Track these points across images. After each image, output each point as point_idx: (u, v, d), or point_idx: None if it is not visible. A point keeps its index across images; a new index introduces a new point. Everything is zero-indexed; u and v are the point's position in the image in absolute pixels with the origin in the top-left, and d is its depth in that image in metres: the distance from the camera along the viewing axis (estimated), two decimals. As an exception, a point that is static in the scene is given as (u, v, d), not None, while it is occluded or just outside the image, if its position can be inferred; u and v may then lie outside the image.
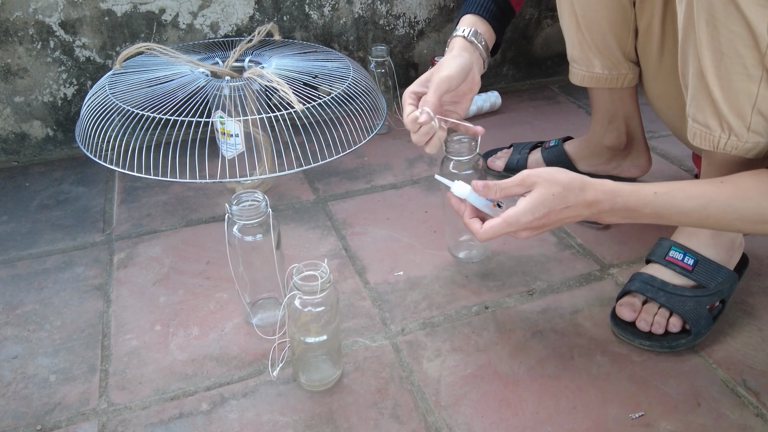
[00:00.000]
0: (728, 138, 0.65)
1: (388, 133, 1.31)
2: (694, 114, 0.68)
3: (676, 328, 0.75)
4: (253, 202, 0.72)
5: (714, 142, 0.67)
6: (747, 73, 0.60)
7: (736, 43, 0.59)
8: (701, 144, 0.68)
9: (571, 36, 0.91)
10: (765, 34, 0.57)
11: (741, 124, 0.64)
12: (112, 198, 1.09)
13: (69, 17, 1.13)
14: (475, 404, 0.69)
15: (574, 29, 0.89)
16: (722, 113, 0.64)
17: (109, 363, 0.75)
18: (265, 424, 0.67)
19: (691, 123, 0.69)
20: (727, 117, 0.64)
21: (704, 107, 0.66)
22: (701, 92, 0.65)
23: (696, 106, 0.67)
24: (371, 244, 0.96)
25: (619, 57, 0.90)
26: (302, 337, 0.67)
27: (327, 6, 1.30)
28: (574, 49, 0.92)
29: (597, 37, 0.88)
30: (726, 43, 0.60)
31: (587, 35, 0.88)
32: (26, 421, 0.68)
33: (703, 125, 0.67)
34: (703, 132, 0.67)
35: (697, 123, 0.68)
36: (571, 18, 0.88)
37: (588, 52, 0.91)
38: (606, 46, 0.89)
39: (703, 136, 0.68)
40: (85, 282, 0.89)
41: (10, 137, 1.20)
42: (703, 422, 0.67)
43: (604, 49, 0.89)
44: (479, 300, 0.85)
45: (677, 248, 0.79)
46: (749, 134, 0.64)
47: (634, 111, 1.00)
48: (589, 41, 0.89)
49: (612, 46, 0.89)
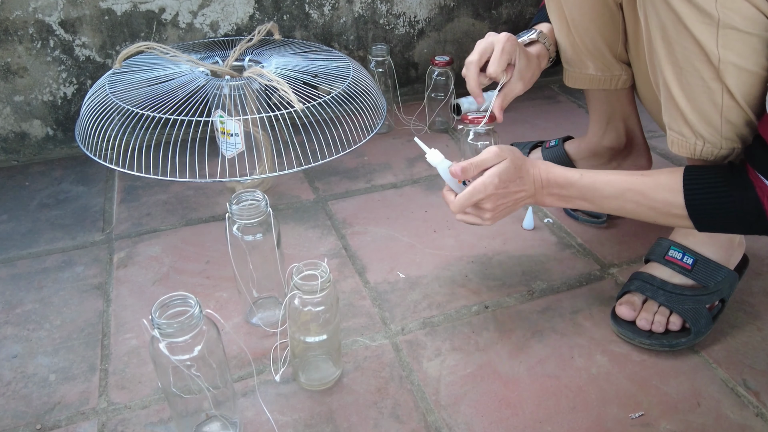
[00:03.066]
0: (704, 145, 0.66)
1: (388, 133, 1.31)
2: (669, 122, 0.69)
3: (676, 327, 0.76)
4: (253, 201, 0.72)
5: (691, 149, 0.67)
6: (707, 86, 0.61)
7: (691, 58, 0.60)
8: (680, 151, 0.69)
9: (563, 39, 0.91)
10: (715, 50, 0.58)
11: (713, 132, 0.64)
12: (112, 197, 1.09)
13: (69, 16, 1.13)
14: (475, 404, 0.69)
15: (565, 32, 0.89)
16: (692, 123, 0.65)
17: (108, 362, 0.75)
18: (264, 423, 0.67)
19: (668, 131, 0.70)
20: (697, 127, 0.65)
21: (676, 117, 0.66)
22: (670, 102, 0.66)
23: (669, 114, 0.68)
24: (371, 244, 0.96)
25: (610, 59, 0.91)
26: (302, 336, 0.67)
27: (327, 5, 1.30)
28: (567, 51, 0.92)
29: (587, 41, 0.88)
30: (682, 58, 0.61)
31: (578, 38, 0.89)
32: (26, 421, 0.68)
33: (678, 133, 0.68)
34: (680, 140, 0.68)
35: (673, 131, 0.69)
36: (562, 21, 0.88)
37: (580, 54, 0.91)
38: (596, 49, 0.89)
39: (681, 143, 0.68)
40: (84, 281, 0.89)
41: (10, 136, 1.20)
42: (703, 422, 0.67)
43: (594, 51, 0.90)
44: (479, 299, 0.85)
45: (676, 247, 0.79)
46: (723, 141, 0.65)
47: (631, 111, 1.00)
48: (580, 44, 0.89)
49: (602, 49, 0.89)
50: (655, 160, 1.11)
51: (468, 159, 0.73)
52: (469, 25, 1.45)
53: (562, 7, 0.86)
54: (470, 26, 1.45)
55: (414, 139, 0.78)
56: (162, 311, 0.56)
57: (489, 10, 1.44)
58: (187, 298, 0.57)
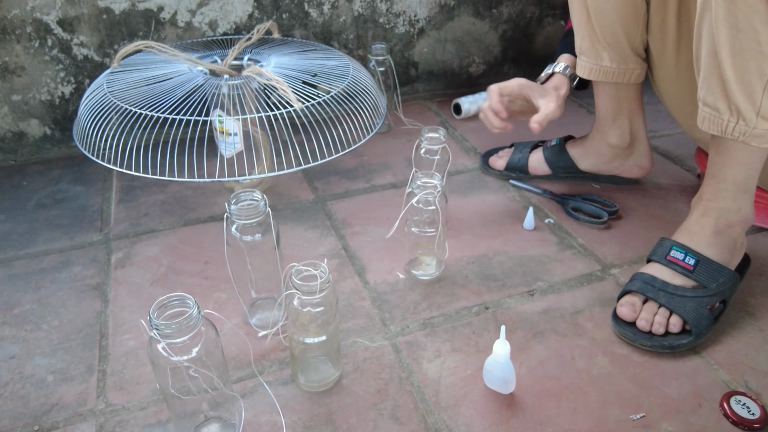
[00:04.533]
0: (736, 122, 0.65)
1: (387, 132, 1.31)
2: (704, 97, 0.67)
3: (676, 328, 0.75)
4: (252, 201, 0.72)
5: (722, 127, 0.66)
6: (761, 50, 0.59)
7: (752, 18, 0.59)
8: (710, 128, 0.68)
9: (581, 28, 0.90)
10: None
11: (750, 108, 0.63)
12: (110, 197, 1.09)
13: (67, 15, 1.13)
14: (476, 405, 0.69)
15: (585, 21, 0.89)
16: (732, 94, 0.63)
17: (106, 363, 0.75)
18: (263, 425, 0.66)
19: (701, 107, 0.69)
20: (736, 99, 0.63)
21: (715, 89, 0.65)
22: (713, 72, 0.64)
23: (707, 87, 0.66)
24: (371, 244, 0.96)
25: (627, 51, 0.90)
26: (301, 337, 0.67)
27: (326, 4, 1.29)
28: (584, 41, 0.92)
29: (606, 30, 0.88)
30: (743, 18, 0.59)
31: (597, 27, 0.88)
32: (24, 422, 0.67)
33: (712, 108, 0.66)
34: (712, 116, 0.67)
35: (707, 107, 0.67)
36: (582, 9, 0.88)
37: (597, 44, 0.91)
38: (615, 40, 0.89)
39: (712, 120, 0.67)
40: (82, 282, 0.88)
41: (8, 136, 1.20)
42: (704, 423, 0.67)
43: (613, 42, 0.89)
44: (479, 300, 0.84)
45: (678, 248, 0.78)
46: (758, 120, 0.63)
47: (638, 109, 1.00)
48: (599, 33, 0.89)
49: (621, 40, 0.89)
50: (656, 159, 1.11)
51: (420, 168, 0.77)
52: (470, 24, 1.44)
53: None
54: (471, 25, 1.45)
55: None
56: (160, 312, 0.55)
57: (489, 9, 1.44)
58: (185, 298, 0.56)
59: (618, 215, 1.02)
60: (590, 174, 1.09)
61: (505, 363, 0.67)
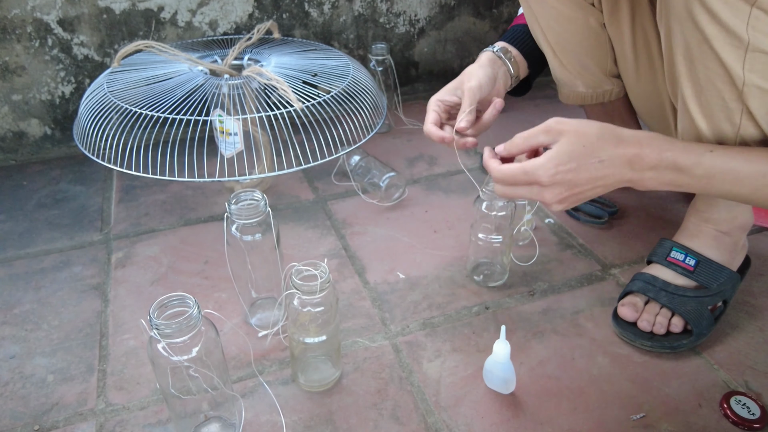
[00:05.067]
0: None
1: (388, 132, 1.31)
2: (682, 134, 0.67)
3: (677, 329, 0.75)
4: (252, 201, 0.72)
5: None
6: (727, 105, 0.59)
7: (713, 79, 0.58)
8: None
9: (550, 60, 0.89)
10: (741, 73, 0.56)
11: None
12: (110, 197, 1.09)
13: (67, 15, 1.13)
14: (476, 405, 0.69)
15: (551, 55, 0.87)
16: (707, 140, 0.63)
17: (107, 363, 0.75)
18: (263, 424, 0.66)
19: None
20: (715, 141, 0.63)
21: (690, 131, 0.65)
22: (686, 116, 0.64)
23: (682, 127, 0.67)
24: (371, 244, 0.96)
25: (600, 76, 0.89)
26: (301, 337, 0.67)
27: (327, 4, 1.29)
28: (556, 71, 0.91)
29: (574, 62, 0.87)
30: (703, 77, 0.59)
31: (565, 61, 0.87)
32: (24, 421, 0.67)
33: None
34: None
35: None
36: (546, 46, 0.86)
37: (569, 75, 0.90)
38: (585, 69, 0.88)
39: None
40: (82, 281, 0.88)
41: (8, 136, 1.20)
42: (704, 423, 0.67)
43: (583, 71, 0.88)
44: (480, 300, 0.84)
45: (679, 249, 0.78)
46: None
47: (630, 117, 0.99)
48: (568, 66, 0.88)
49: (591, 68, 0.88)
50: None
51: None
52: (470, 23, 1.44)
53: (546, 34, 0.85)
54: (471, 25, 1.45)
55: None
56: (160, 312, 0.55)
57: (489, 8, 1.44)
58: (185, 298, 0.56)
59: (618, 215, 1.02)
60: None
61: (505, 363, 0.67)
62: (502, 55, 0.84)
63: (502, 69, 0.84)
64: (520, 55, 0.86)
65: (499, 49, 0.84)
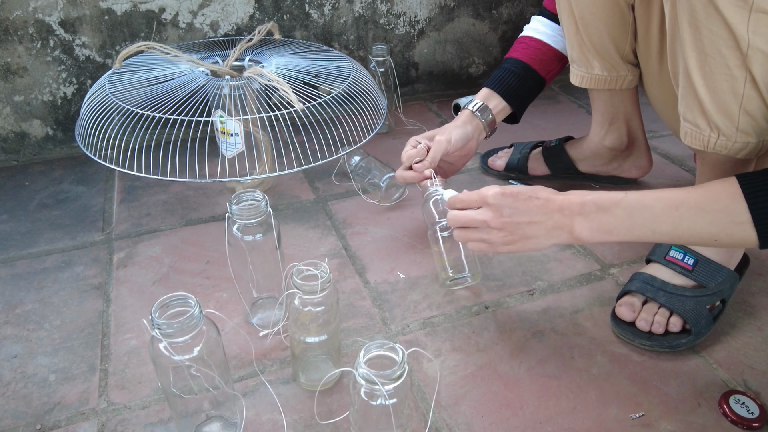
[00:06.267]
0: (717, 137, 0.65)
1: (388, 133, 1.31)
2: (684, 113, 0.68)
3: (676, 328, 0.75)
4: (253, 201, 0.72)
5: (704, 142, 0.67)
6: (731, 73, 0.60)
7: (718, 43, 0.59)
8: (693, 143, 0.68)
9: (571, 37, 0.91)
10: (745, 35, 0.56)
11: (729, 124, 0.64)
12: (112, 197, 1.09)
13: (69, 16, 1.13)
14: (475, 404, 0.69)
15: (573, 31, 0.89)
16: (709, 113, 0.64)
17: (108, 362, 0.75)
18: (264, 423, 0.67)
19: (682, 122, 0.69)
20: (714, 117, 0.64)
21: (693, 107, 0.66)
22: (689, 91, 0.65)
23: (685, 105, 0.67)
24: (371, 244, 0.96)
25: (617, 59, 0.90)
26: (302, 336, 0.67)
27: (327, 5, 1.30)
28: (574, 50, 0.92)
29: (595, 40, 0.88)
30: (708, 43, 0.60)
31: (585, 37, 0.89)
32: (26, 421, 0.68)
33: (693, 124, 0.67)
34: (693, 131, 0.67)
35: (688, 122, 0.68)
36: (570, 19, 0.88)
37: (587, 53, 0.91)
38: (604, 49, 0.89)
39: (694, 135, 0.67)
40: (84, 281, 0.88)
41: (10, 136, 1.20)
42: (703, 423, 0.67)
43: (602, 51, 0.90)
44: (479, 300, 0.84)
45: (677, 248, 0.79)
46: (738, 134, 0.64)
47: (634, 112, 1.00)
48: (588, 43, 0.89)
49: (610, 49, 0.89)
50: (655, 160, 1.11)
51: None
52: (470, 25, 1.45)
53: (572, 6, 0.86)
54: (471, 26, 1.45)
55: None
56: (162, 311, 0.56)
57: (489, 10, 1.44)
58: (186, 298, 0.57)
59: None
60: (589, 174, 1.09)
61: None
62: (479, 114, 0.96)
63: (478, 128, 0.96)
64: (501, 103, 0.97)
65: (478, 108, 0.96)
